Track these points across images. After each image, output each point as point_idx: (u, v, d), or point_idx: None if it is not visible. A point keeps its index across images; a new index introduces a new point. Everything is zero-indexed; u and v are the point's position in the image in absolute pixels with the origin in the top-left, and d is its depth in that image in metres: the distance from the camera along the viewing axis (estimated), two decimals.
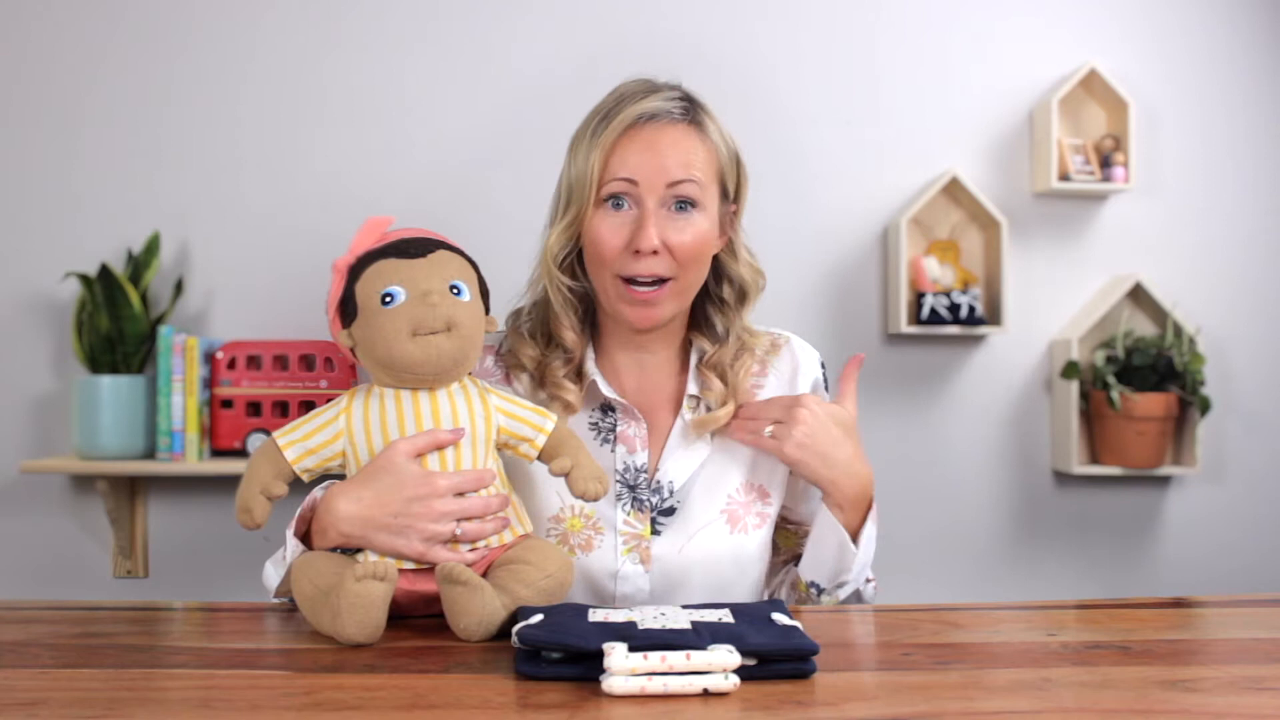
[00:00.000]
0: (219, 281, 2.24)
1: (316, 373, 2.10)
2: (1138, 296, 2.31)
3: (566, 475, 1.07)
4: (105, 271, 2.08)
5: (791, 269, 2.27)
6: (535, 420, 1.08)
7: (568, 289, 1.21)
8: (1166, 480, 2.38)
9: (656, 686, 0.77)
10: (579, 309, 1.23)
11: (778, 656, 0.82)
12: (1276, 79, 2.37)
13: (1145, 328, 2.33)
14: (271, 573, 1.12)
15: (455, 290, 1.03)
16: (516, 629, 0.86)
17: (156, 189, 2.23)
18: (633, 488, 1.19)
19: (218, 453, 2.12)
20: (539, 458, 1.09)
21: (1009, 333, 2.28)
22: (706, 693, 0.78)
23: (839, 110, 2.31)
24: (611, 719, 0.74)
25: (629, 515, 1.18)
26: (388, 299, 1.01)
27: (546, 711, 0.75)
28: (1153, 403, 2.23)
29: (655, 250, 1.13)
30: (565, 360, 1.21)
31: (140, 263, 2.17)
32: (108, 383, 2.09)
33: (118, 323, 2.11)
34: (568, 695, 0.78)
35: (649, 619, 0.87)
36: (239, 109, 2.24)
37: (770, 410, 1.19)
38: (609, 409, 1.22)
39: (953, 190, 2.28)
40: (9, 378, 2.23)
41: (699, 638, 0.82)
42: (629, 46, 2.24)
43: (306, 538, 1.07)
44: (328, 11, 2.25)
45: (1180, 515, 2.38)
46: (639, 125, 1.16)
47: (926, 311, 2.23)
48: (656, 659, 0.78)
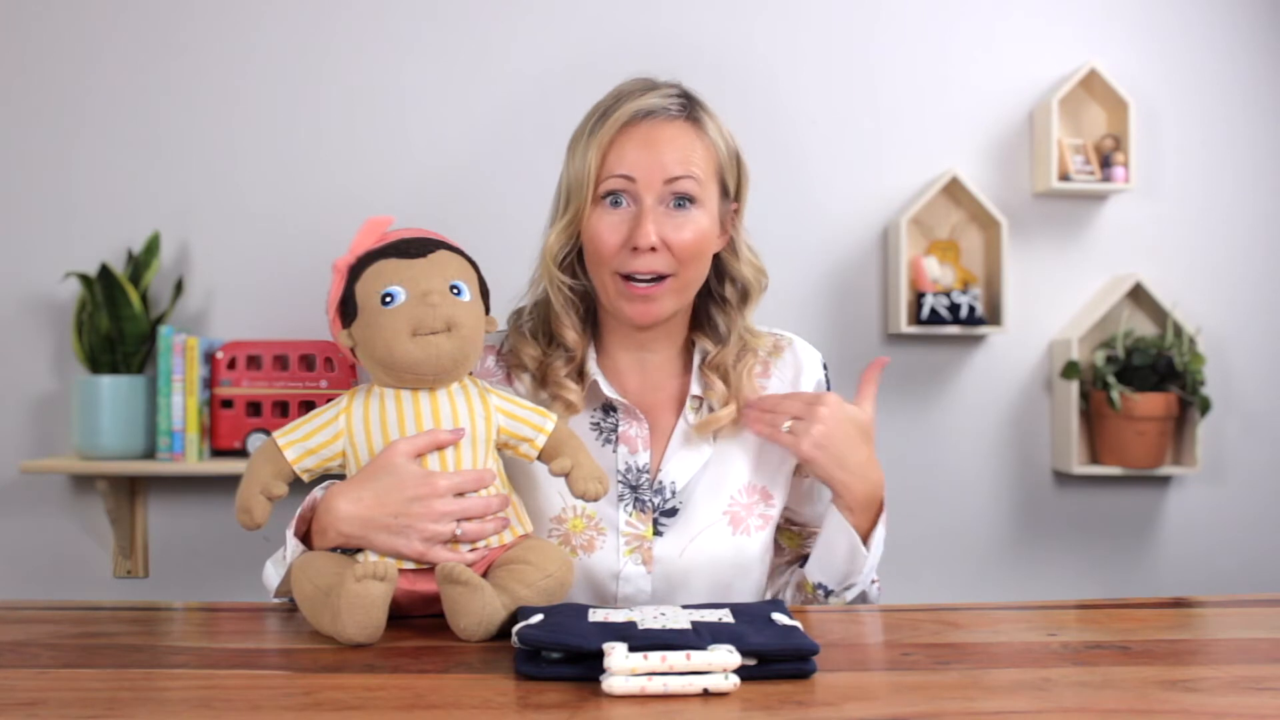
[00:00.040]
0: (219, 281, 2.24)
1: (316, 373, 2.10)
2: (1138, 296, 2.31)
3: (566, 475, 1.07)
4: (105, 271, 2.08)
5: (791, 269, 2.27)
6: (535, 420, 1.08)
7: (568, 288, 1.20)
8: (1166, 480, 2.38)
9: (656, 686, 0.77)
10: (579, 308, 1.22)
11: (778, 656, 0.82)
12: (1276, 79, 2.37)
13: (1145, 328, 2.33)
14: (272, 573, 1.12)
15: (455, 290, 1.03)
16: (516, 629, 0.86)
17: (156, 189, 2.23)
18: (634, 488, 1.19)
19: (218, 453, 2.12)
20: (539, 458, 1.08)
21: (1009, 333, 2.28)
22: (706, 693, 0.78)
23: (839, 110, 2.31)
24: (611, 719, 0.74)
25: (631, 516, 1.18)
26: (388, 299, 1.01)
27: (546, 711, 0.75)
28: (1153, 403, 2.23)
29: (653, 247, 1.13)
30: (567, 360, 1.21)
31: (140, 263, 2.17)
32: (108, 383, 2.09)
33: (118, 323, 2.11)
34: (568, 695, 0.78)
35: (649, 619, 0.87)
36: (239, 109, 2.24)
37: (790, 405, 1.17)
38: (610, 409, 1.22)
39: (953, 190, 2.28)
40: (9, 378, 2.23)
41: (699, 638, 0.82)
42: (629, 47, 2.24)
43: (307, 538, 1.07)
44: (327, 12, 2.25)
45: (1180, 515, 2.38)
46: (636, 122, 1.15)
47: (926, 311, 2.23)
48: (656, 659, 0.78)
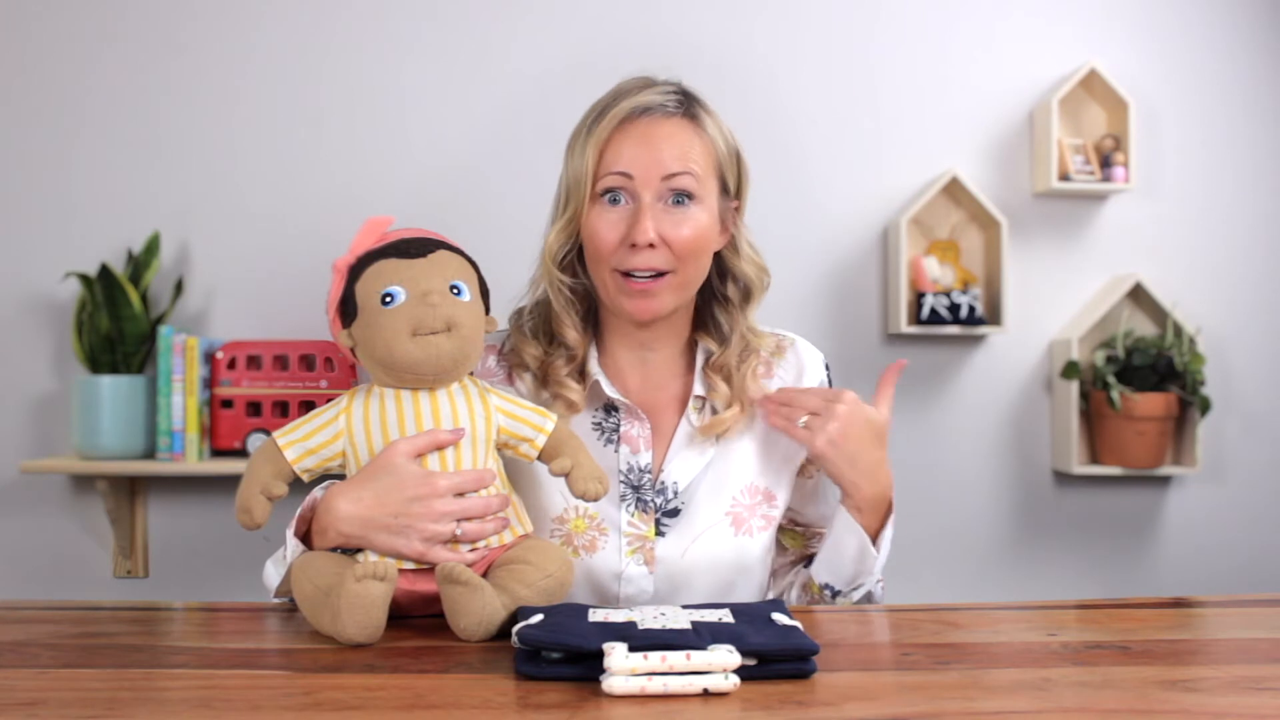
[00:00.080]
0: (219, 281, 2.24)
1: (316, 373, 2.10)
2: (1138, 296, 2.31)
3: (566, 475, 1.07)
4: (105, 271, 2.08)
5: (792, 269, 2.27)
6: (535, 420, 1.08)
7: (568, 287, 1.20)
8: (1166, 480, 2.38)
9: (656, 686, 0.77)
10: (580, 307, 1.22)
11: (778, 656, 0.82)
12: (1276, 79, 2.37)
13: (1145, 328, 2.33)
14: (272, 572, 1.12)
15: (455, 290, 1.03)
16: (516, 629, 0.86)
17: (156, 189, 2.23)
18: (636, 488, 1.19)
19: (218, 453, 2.12)
20: (539, 458, 1.08)
21: (1009, 333, 2.28)
22: (706, 693, 0.78)
23: (839, 110, 2.31)
24: (611, 719, 0.74)
25: (633, 516, 1.18)
26: (388, 299, 1.01)
27: (546, 711, 0.75)
28: (1153, 403, 2.23)
29: (652, 243, 1.13)
30: (568, 359, 1.21)
31: (140, 263, 2.17)
32: (108, 383, 2.09)
33: (118, 323, 2.11)
34: (568, 695, 0.78)
35: (649, 619, 0.87)
36: (239, 109, 2.24)
37: (808, 400, 1.16)
38: (612, 409, 1.21)
39: (953, 190, 2.28)
40: (9, 378, 2.23)
41: (699, 638, 0.82)
42: (629, 46, 2.24)
43: (307, 538, 1.06)
44: (327, 12, 2.25)
45: (1180, 515, 2.38)
46: (633, 119, 1.15)
47: (926, 311, 2.23)
48: (656, 659, 0.78)
